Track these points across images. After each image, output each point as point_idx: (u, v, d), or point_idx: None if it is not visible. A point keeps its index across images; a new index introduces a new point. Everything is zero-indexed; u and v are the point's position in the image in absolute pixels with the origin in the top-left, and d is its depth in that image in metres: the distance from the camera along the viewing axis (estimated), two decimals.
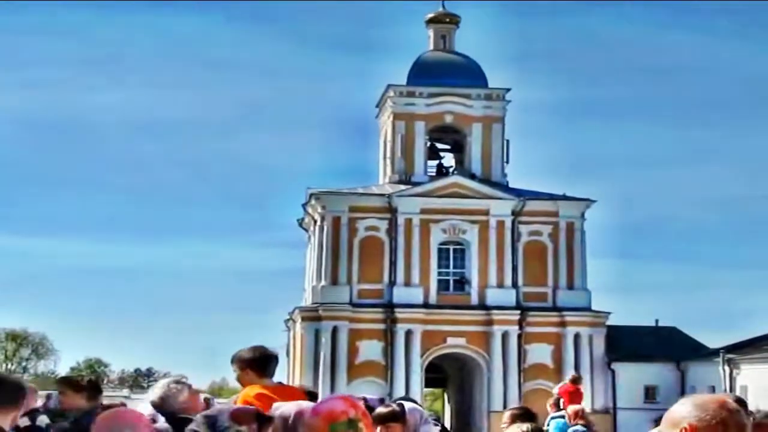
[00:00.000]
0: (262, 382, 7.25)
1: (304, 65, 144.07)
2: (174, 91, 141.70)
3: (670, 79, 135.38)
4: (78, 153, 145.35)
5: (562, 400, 16.00)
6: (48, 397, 11.92)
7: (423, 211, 55.79)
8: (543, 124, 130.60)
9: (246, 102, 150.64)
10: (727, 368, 50.56)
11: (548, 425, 16.26)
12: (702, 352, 55.34)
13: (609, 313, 55.80)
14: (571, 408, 15.33)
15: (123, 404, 7.77)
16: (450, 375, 60.97)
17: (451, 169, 60.81)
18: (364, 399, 13.59)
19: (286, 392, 7.19)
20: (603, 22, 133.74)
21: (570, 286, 55.80)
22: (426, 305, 54.82)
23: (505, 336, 54.44)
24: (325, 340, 53.94)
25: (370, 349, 54.46)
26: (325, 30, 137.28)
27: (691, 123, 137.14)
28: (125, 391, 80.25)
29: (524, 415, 12.37)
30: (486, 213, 55.95)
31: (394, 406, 7.38)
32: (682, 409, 3.87)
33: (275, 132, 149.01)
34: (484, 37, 74.15)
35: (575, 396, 16.48)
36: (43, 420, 9.03)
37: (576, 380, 18.07)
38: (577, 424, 14.00)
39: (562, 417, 15.22)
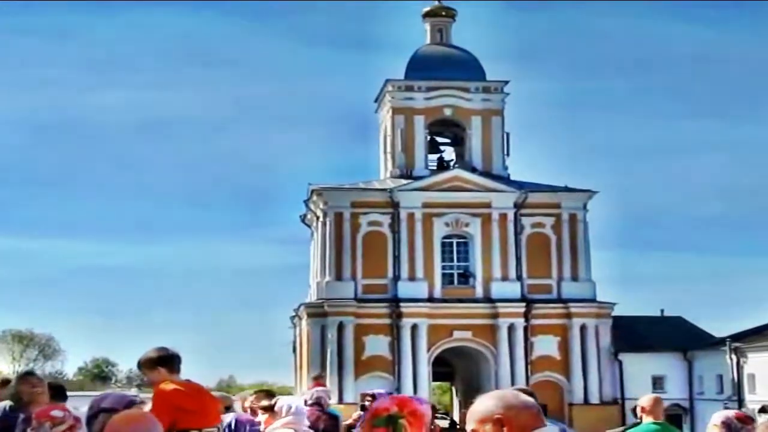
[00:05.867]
0: (172, 378, 7.62)
1: (302, 62, 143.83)
2: (174, 89, 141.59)
3: (670, 70, 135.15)
4: (80, 153, 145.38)
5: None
6: None
7: (425, 205, 55.70)
8: (543, 117, 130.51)
9: (246, 99, 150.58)
10: (733, 357, 50.55)
11: None
12: (708, 342, 55.27)
13: (614, 303, 55.76)
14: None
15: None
16: (457, 368, 60.94)
17: (451, 163, 60.67)
18: (373, 395, 13.86)
19: (194, 388, 7.70)
20: (600, 14, 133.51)
21: (574, 278, 55.75)
22: (431, 299, 54.78)
23: (511, 328, 54.39)
24: (331, 335, 53.89)
25: (377, 344, 54.41)
26: (322, 26, 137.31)
27: (691, 112, 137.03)
28: (133, 390, 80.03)
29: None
30: (488, 206, 55.85)
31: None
32: (489, 404, 4.09)
33: (275, 129, 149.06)
34: (480, 31, 74.21)
35: None
36: None
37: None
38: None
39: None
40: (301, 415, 8.99)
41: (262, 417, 9.20)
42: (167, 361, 7.69)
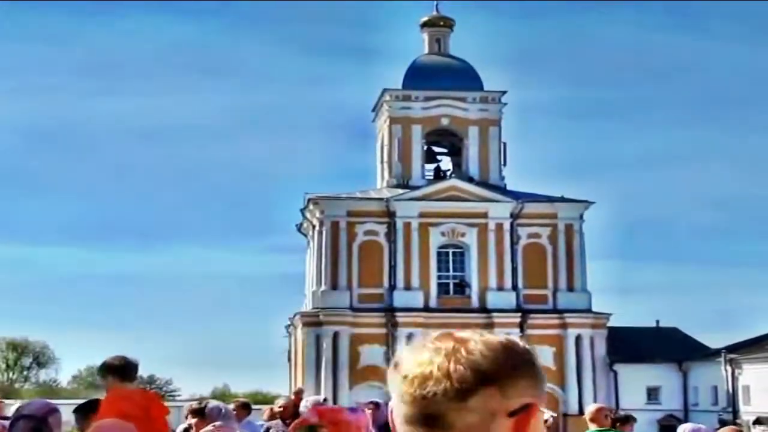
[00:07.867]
0: (123, 386, 8.12)
1: (300, 70, 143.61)
2: (170, 96, 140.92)
3: (667, 79, 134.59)
4: (75, 160, 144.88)
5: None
6: None
7: (421, 215, 55.73)
8: (539, 126, 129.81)
9: (243, 107, 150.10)
10: (728, 368, 50.60)
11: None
12: (704, 353, 55.31)
13: (610, 314, 55.77)
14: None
15: None
16: None
17: (448, 173, 60.77)
18: (374, 403, 13.90)
19: (146, 396, 8.32)
20: (598, 23, 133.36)
21: (570, 288, 55.75)
22: (426, 309, 54.74)
23: None
24: (327, 345, 53.82)
25: (372, 354, 54.29)
26: (320, 34, 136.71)
27: (688, 122, 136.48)
28: None
29: None
30: (484, 216, 55.90)
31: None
32: None
33: (272, 137, 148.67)
34: (478, 40, 74.29)
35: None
36: None
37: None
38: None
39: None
40: (230, 418, 9.05)
41: (192, 420, 9.34)
42: (118, 369, 8.21)
